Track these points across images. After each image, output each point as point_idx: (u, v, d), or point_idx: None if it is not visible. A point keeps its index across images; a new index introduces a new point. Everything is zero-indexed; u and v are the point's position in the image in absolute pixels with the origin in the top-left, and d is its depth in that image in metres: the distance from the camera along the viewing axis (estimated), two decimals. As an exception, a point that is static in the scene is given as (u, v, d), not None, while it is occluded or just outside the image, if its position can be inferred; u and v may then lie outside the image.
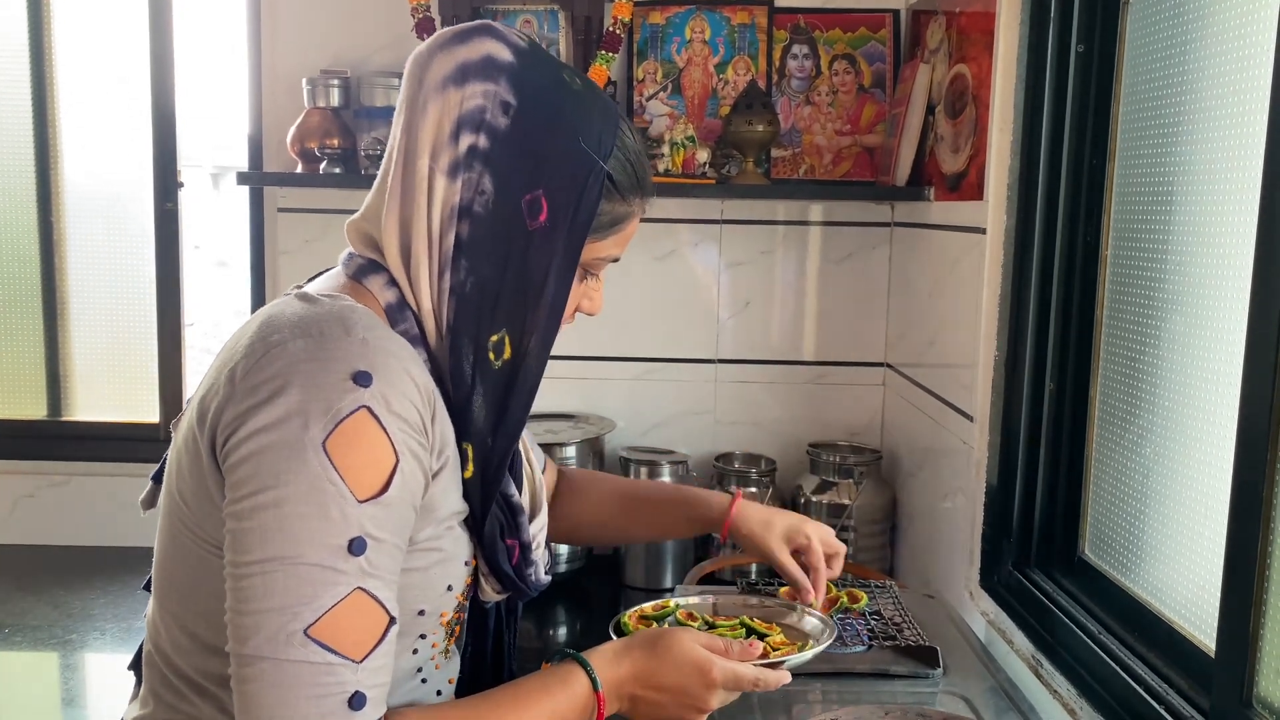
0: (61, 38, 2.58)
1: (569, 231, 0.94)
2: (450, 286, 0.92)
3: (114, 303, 2.66)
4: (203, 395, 0.89)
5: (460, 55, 0.92)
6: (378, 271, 0.94)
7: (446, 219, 0.91)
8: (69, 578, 2.39)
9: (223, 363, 0.89)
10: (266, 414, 0.82)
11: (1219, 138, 1.21)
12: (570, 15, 2.30)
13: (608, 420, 2.40)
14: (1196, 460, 1.24)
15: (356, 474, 0.81)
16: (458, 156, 0.91)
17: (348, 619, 0.81)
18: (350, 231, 0.99)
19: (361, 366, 0.83)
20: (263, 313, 0.92)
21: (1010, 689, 1.40)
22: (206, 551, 0.89)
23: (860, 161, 2.36)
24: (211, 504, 0.87)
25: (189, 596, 0.92)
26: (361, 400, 0.82)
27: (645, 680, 0.99)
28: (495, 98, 0.91)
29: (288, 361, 0.83)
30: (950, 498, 1.90)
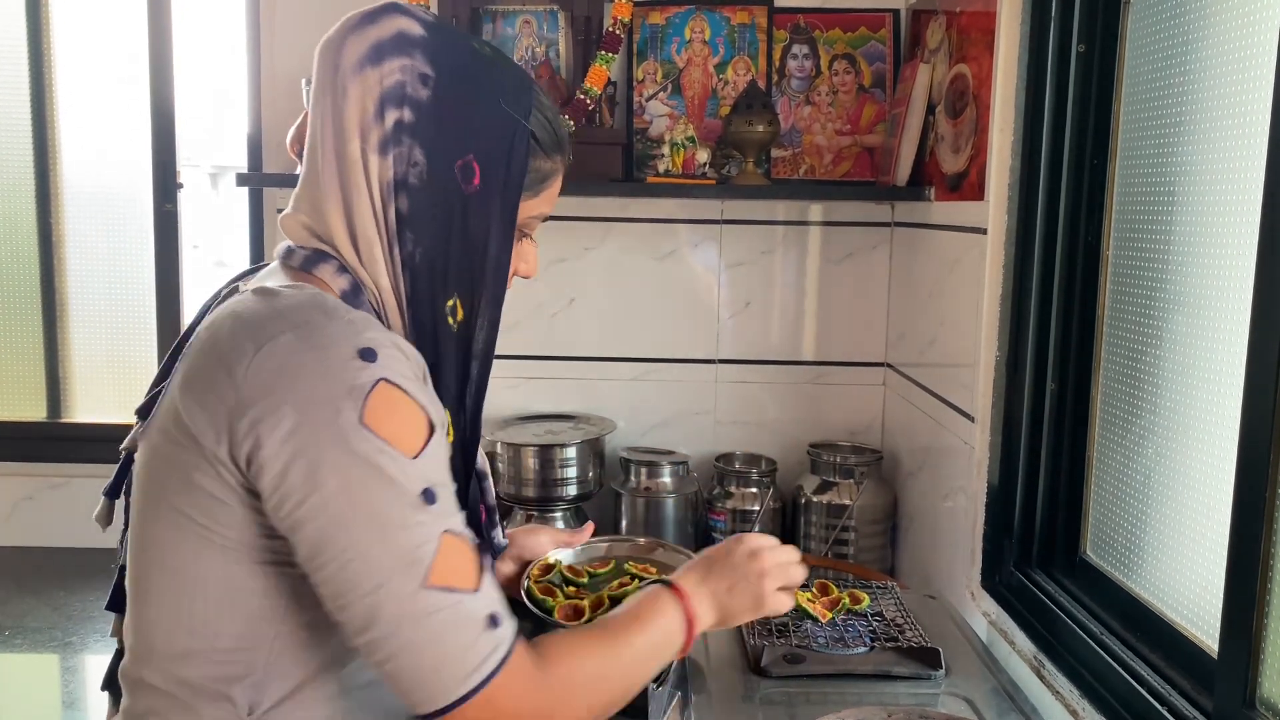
0: (61, 38, 2.58)
1: (503, 191, 0.97)
2: (401, 260, 0.94)
3: (113, 304, 2.66)
4: (181, 408, 0.87)
5: (372, 35, 0.93)
6: (326, 260, 0.94)
7: (385, 195, 0.93)
8: (69, 580, 2.39)
9: (195, 370, 0.88)
10: (289, 415, 0.82)
11: (1220, 137, 1.21)
12: (570, 15, 2.30)
13: (608, 420, 2.40)
14: (1198, 460, 1.24)
15: (400, 436, 0.84)
16: (386, 133, 0.92)
17: (449, 561, 0.85)
18: (288, 225, 0.98)
19: (361, 344, 0.85)
20: (224, 313, 0.90)
21: (1012, 690, 1.40)
22: (223, 555, 0.89)
23: (860, 161, 2.36)
24: (228, 508, 0.87)
25: (200, 603, 0.91)
26: (376, 374, 0.84)
27: (714, 586, 1.12)
28: (413, 71, 0.93)
29: (286, 356, 0.84)
30: (951, 498, 1.89)
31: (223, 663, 0.91)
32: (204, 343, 0.89)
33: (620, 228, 2.42)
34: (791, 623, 1.51)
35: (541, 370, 2.45)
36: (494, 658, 0.86)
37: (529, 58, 2.33)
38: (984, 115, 1.75)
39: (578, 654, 0.96)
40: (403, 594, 0.83)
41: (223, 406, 0.84)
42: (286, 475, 0.82)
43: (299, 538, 0.84)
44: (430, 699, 0.85)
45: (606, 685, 0.97)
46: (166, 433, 0.89)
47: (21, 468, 2.59)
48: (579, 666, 0.95)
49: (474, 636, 0.85)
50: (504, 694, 0.87)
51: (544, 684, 0.91)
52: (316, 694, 0.95)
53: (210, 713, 0.92)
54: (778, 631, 1.49)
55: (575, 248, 2.42)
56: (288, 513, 0.84)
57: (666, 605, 1.06)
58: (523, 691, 0.89)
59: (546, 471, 2.24)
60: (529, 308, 2.41)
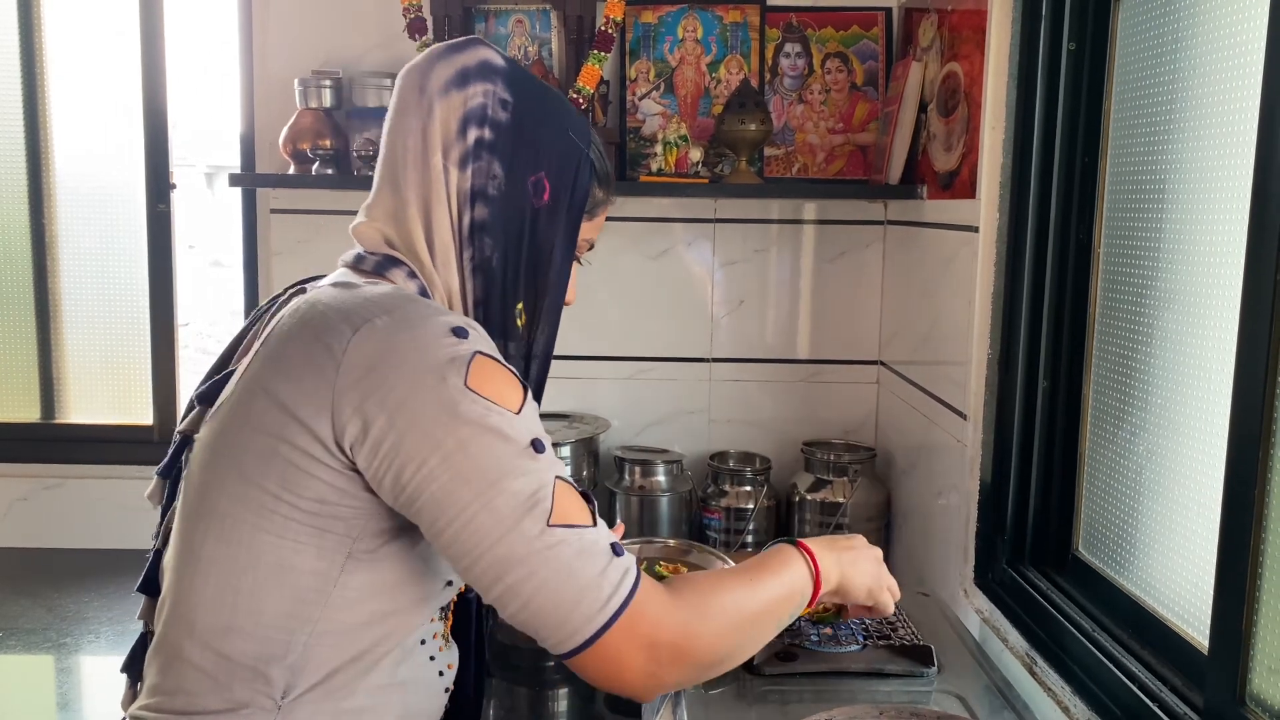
0: (53, 38, 2.57)
1: (568, 209, 1.07)
2: (476, 264, 1.02)
3: (107, 305, 2.66)
4: (269, 386, 0.91)
5: (459, 62, 1.03)
6: (397, 265, 1.01)
7: (462, 204, 1.01)
8: (63, 581, 2.38)
9: (286, 350, 0.92)
10: (397, 388, 0.87)
11: (1210, 135, 1.22)
12: (562, 14, 2.30)
13: (602, 420, 2.40)
14: (1189, 457, 1.24)
15: (503, 395, 0.90)
16: (467, 148, 1.01)
17: (565, 502, 0.90)
18: (362, 233, 1.05)
19: (453, 324, 0.91)
20: (306, 303, 0.95)
21: (1004, 687, 1.40)
22: (283, 530, 0.91)
23: (853, 160, 2.36)
24: (311, 479, 0.90)
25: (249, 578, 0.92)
26: (472, 347, 0.90)
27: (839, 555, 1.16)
28: (494, 96, 1.03)
29: (385, 337, 0.89)
30: (944, 495, 1.90)
31: (263, 640, 0.92)
32: (291, 327, 0.93)
33: (613, 227, 2.42)
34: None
35: (536, 369, 2.44)
36: (627, 580, 0.91)
37: (521, 57, 2.33)
38: (976, 113, 1.75)
39: (708, 589, 0.99)
40: (531, 534, 0.87)
41: (323, 382, 0.89)
42: (402, 445, 0.87)
43: (421, 504, 0.88)
44: (576, 631, 0.89)
45: (738, 618, 1.00)
46: (246, 408, 0.92)
47: (15, 469, 2.58)
48: (712, 599, 0.98)
49: (604, 564, 0.90)
50: (643, 615, 0.91)
51: (679, 605, 0.94)
52: (352, 684, 0.96)
53: (243, 693, 0.93)
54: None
55: (569, 247, 2.41)
56: (408, 480, 0.88)
57: (794, 558, 1.10)
58: (661, 611, 0.92)
59: (541, 471, 2.23)
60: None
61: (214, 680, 0.93)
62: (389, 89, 2.27)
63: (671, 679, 0.94)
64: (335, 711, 0.95)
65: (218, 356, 1.07)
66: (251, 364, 0.95)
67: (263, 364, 0.93)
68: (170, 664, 0.95)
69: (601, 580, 0.89)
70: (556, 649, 0.90)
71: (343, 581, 0.93)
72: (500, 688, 1.63)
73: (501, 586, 0.88)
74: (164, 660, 0.96)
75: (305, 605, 0.93)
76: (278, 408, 0.90)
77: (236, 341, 1.07)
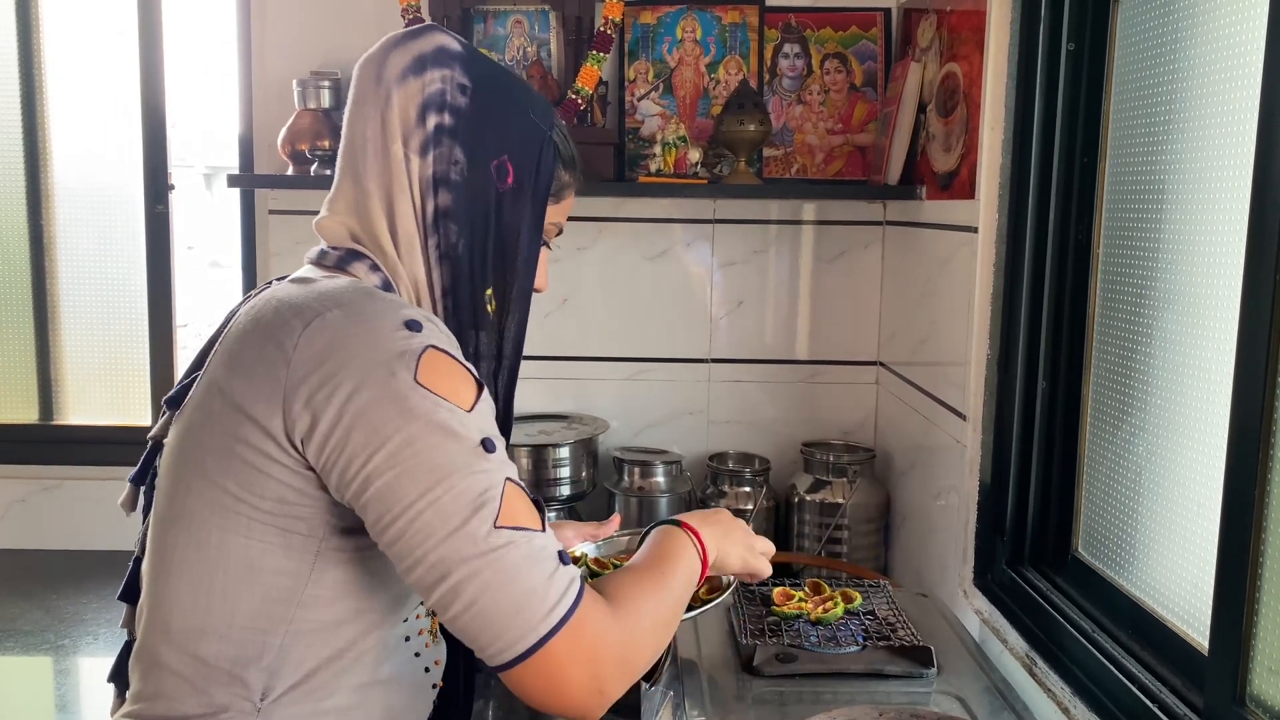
0: (51, 39, 2.57)
1: (533, 192, 1.06)
2: (441, 252, 1.00)
3: (105, 306, 2.65)
4: (225, 384, 0.90)
5: (415, 49, 1.02)
6: (360, 259, 1.00)
7: (425, 191, 1.00)
8: (61, 582, 2.38)
9: (240, 348, 0.91)
10: (346, 382, 0.86)
11: (1210, 135, 1.22)
12: (561, 15, 2.30)
13: (601, 421, 2.40)
14: (1189, 458, 1.24)
15: (454, 392, 0.88)
16: (427, 135, 0.99)
17: (514, 504, 0.88)
18: (326, 227, 1.03)
19: (405, 317, 0.90)
20: (264, 300, 0.95)
21: (1004, 688, 1.40)
22: (248, 529, 0.90)
23: (852, 160, 2.36)
24: (267, 478, 0.89)
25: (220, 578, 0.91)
26: (424, 341, 0.89)
27: (712, 530, 1.15)
28: (452, 81, 1.01)
29: (336, 330, 0.88)
30: (943, 496, 1.90)
31: (238, 642, 0.92)
32: (247, 325, 0.93)
33: (612, 227, 2.42)
34: (784, 622, 1.52)
35: (534, 370, 2.44)
36: (572, 590, 0.89)
37: (520, 57, 2.33)
38: (975, 114, 1.75)
39: (634, 592, 0.98)
40: (477, 534, 0.85)
41: (273, 379, 0.88)
42: (349, 439, 0.86)
43: (366, 499, 0.87)
44: (519, 639, 0.86)
45: (663, 619, 1.00)
46: (206, 409, 0.92)
47: (13, 470, 2.58)
48: (641, 602, 0.98)
49: (550, 570, 0.88)
50: (587, 625, 0.89)
51: (618, 614, 0.93)
52: (330, 684, 0.95)
53: (221, 696, 0.92)
54: (770, 631, 1.49)
55: (568, 248, 2.42)
56: (354, 475, 0.86)
57: (685, 542, 1.10)
58: (603, 622, 0.91)
59: (540, 472, 2.24)
60: (522, 308, 2.40)
61: (191, 684, 0.92)
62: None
63: (616, 692, 0.92)
64: (316, 711, 0.94)
65: (191, 361, 1.06)
66: (209, 365, 0.94)
67: (220, 364, 0.93)
68: (150, 670, 0.95)
69: (548, 586, 0.87)
70: (495, 659, 0.87)
71: (314, 579, 0.92)
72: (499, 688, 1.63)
73: (444, 587, 0.86)
74: (144, 666, 0.96)
75: (278, 605, 0.92)
76: (233, 407, 0.89)
77: (209, 344, 1.04)
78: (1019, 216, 1.60)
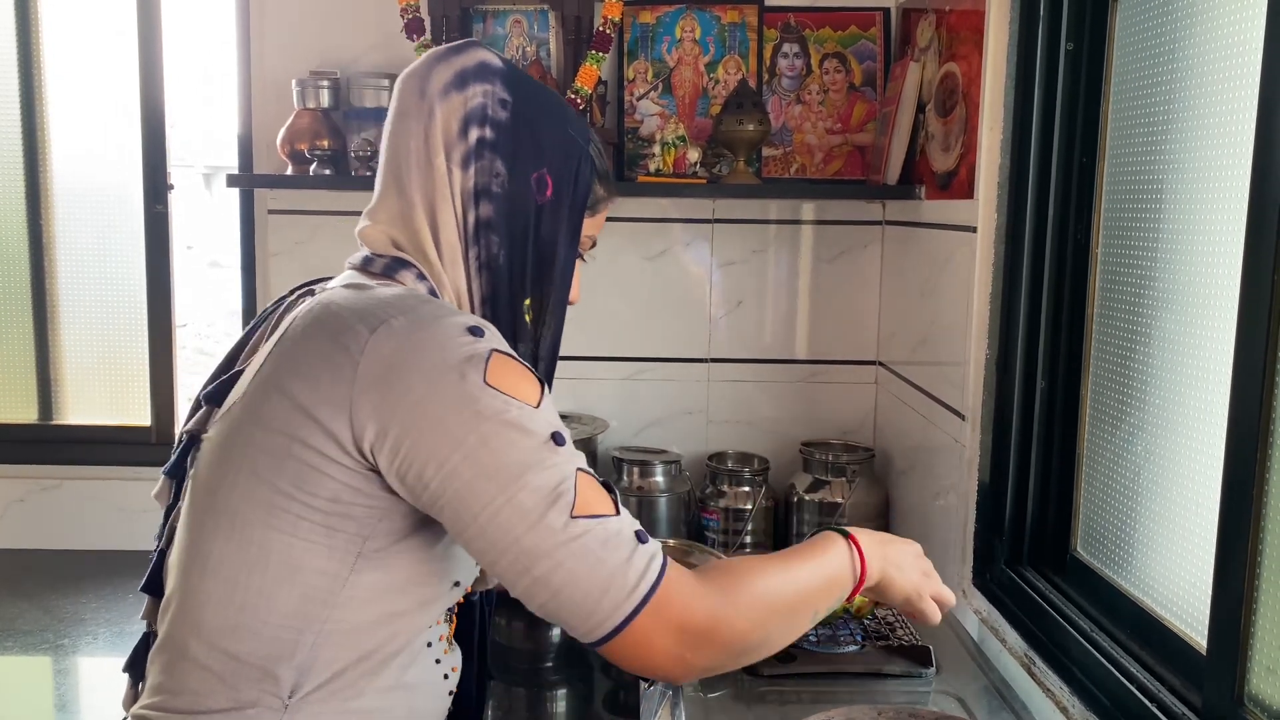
0: (50, 39, 2.57)
1: (571, 204, 1.08)
2: (482, 262, 1.03)
3: (104, 305, 2.65)
4: (284, 386, 0.91)
5: (457, 64, 1.05)
6: (407, 267, 1.03)
7: (466, 203, 1.03)
8: (60, 582, 2.38)
9: (301, 350, 0.92)
10: (416, 386, 0.88)
11: (1208, 135, 1.22)
12: (560, 15, 2.30)
13: (600, 420, 2.40)
14: (1187, 458, 1.24)
15: (521, 391, 0.91)
16: (469, 148, 1.02)
17: (588, 494, 0.91)
18: (369, 236, 1.06)
19: (469, 323, 0.93)
20: (319, 304, 0.96)
21: (1003, 688, 1.40)
22: (294, 528, 0.91)
23: (851, 160, 2.36)
24: (325, 478, 0.90)
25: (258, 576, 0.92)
26: (489, 345, 0.92)
27: (886, 551, 1.12)
28: (494, 96, 1.04)
29: (402, 337, 0.90)
30: (942, 496, 1.90)
31: (271, 639, 0.92)
32: (306, 327, 0.94)
33: (611, 227, 2.42)
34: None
35: (534, 370, 2.44)
36: (653, 567, 0.91)
37: (519, 57, 2.33)
38: (974, 114, 1.75)
39: (741, 574, 0.98)
40: (556, 526, 0.88)
41: (341, 383, 0.89)
42: (423, 443, 0.88)
43: (444, 501, 0.89)
44: (605, 620, 0.89)
45: (772, 605, 0.98)
46: (260, 409, 0.93)
47: (13, 470, 2.58)
48: (744, 581, 0.97)
49: (629, 552, 0.90)
50: (671, 601, 0.91)
51: (709, 590, 0.94)
52: (359, 685, 0.96)
53: (250, 693, 0.93)
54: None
55: (567, 247, 2.41)
56: (430, 477, 0.89)
57: (839, 546, 1.07)
58: (690, 597, 0.92)
59: (539, 471, 2.23)
60: (521, 307, 2.40)
61: (220, 680, 0.93)
62: (387, 89, 2.28)
63: (701, 663, 0.94)
64: (342, 711, 0.96)
65: (223, 358, 1.08)
66: (265, 364, 0.95)
67: (277, 364, 0.94)
68: (175, 663, 0.95)
69: (628, 567, 0.89)
70: (586, 637, 0.91)
71: (352, 581, 0.94)
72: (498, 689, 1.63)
73: (529, 579, 0.89)
74: (168, 659, 0.96)
75: (314, 605, 0.93)
76: (293, 407, 0.90)
77: (242, 342, 1.07)
78: (1018, 216, 1.60)
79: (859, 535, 1.09)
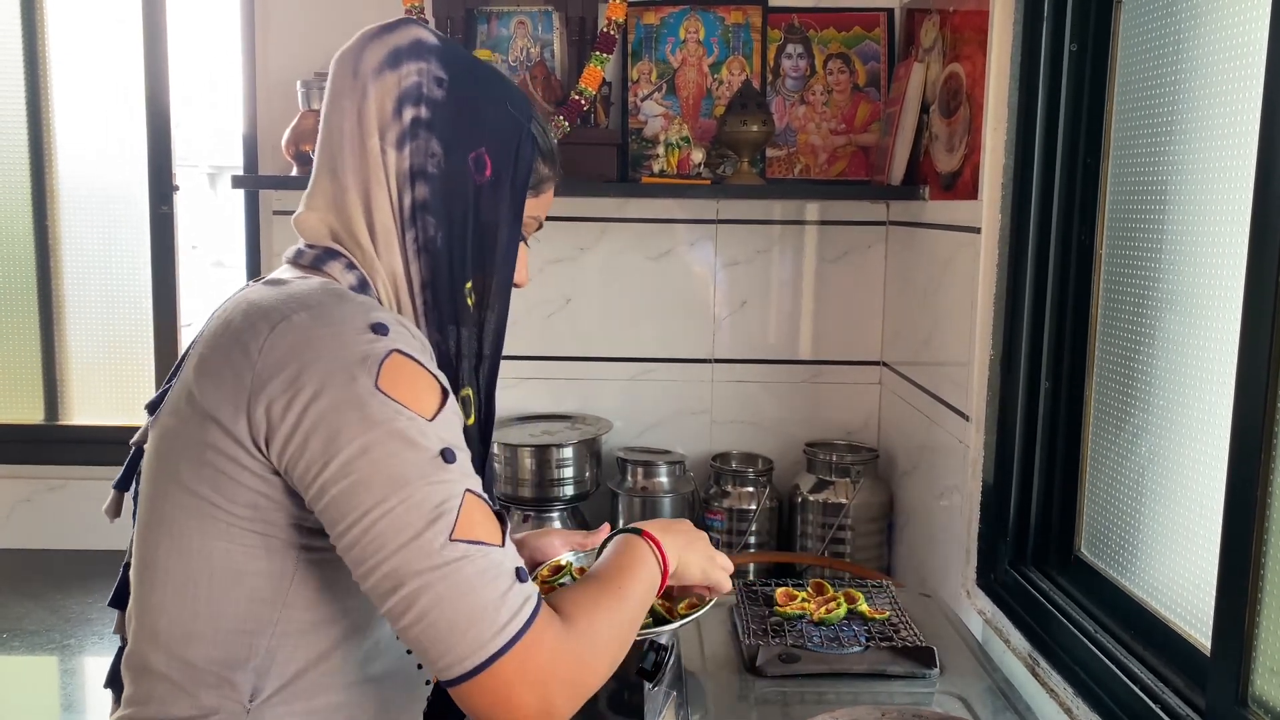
0: (56, 40, 2.58)
1: (511, 184, 1.04)
2: (420, 245, 0.99)
3: (110, 306, 2.66)
4: (195, 389, 0.90)
5: (390, 42, 1.01)
6: (335, 258, 0.99)
7: (402, 185, 0.98)
8: (66, 582, 2.39)
9: (209, 352, 0.91)
10: (307, 385, 0.85)
11: (1213, 135, 1.22)
12: (564, 16, 2.30)
13: (604, 421, 2.40)
14: (1192, 458, 1.24)
15: (415, 399, 0.87)
16: (403, 128, 0.98)
17: (472, 516, 0.86)
18: (304, 222, 1.02)
19: (372, 320, 0.89)
20: (236, 303, 0.94)
21: (1007, 688, 1.40)
22: (228, 533, 0.90)
23: (855, 161, 2.36)
24: (238, 484, 0.89)
25: (204, 583, 0.92)
26: (389, 345, 0.88)
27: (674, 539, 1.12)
28: (428, 74, 1.00)
29: (301, 333, 0.87)
30: (946, 496, 1.90)
31: (225, 645, 0.92)
32: (216, 329, 0.93)
33: (616, 228, 2.43)
34: (786, 622, 1.52)
35: (538, 370, 2.45)
36: (526, 609, 0.87)
37: (524, 58, 2.33)
38: (978, 114, 1.75)
39: (591, 608, 0.96)
40: (431, 547, 0.84)
41: (239, 383, 0.87)
42: (308, 444, 0.85)
43: (324, 504, 0.86)
44: (467, 656, 0.84)
45: (619, 634, 0.98)
46: (179, 414, 0.92)
47: (19, 470, 2.59)
48: (598, 619, 0.95)
49: (505, 588, 0.86)
50: (538, 647, 0.87)
51: (572, 636, 0.91)
52: (320, 682, 0.95)
53: (210, 699, 0.92)
54: (772, 631, 1.49)
55: (571, 248, 2.42)
56: (311, 480, 0.86)
57: (646, 553, 1.07)
58: (555, 643, 0.88)
59: (543, 472, 2.24)
60: (525, 308, 2.41)
61: (181, 689, 0.93)
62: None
63: (566, 713, 0.90)
64: (307, 710, 0.94)
65: (175, 365, 1.05)
66: (183, 370, 0.94)
67: (190, 369, 0.92)
68: (140, 674, 0.95)
69: (501, 604, 0.85)
70: (444, 673, 0.85)
71: (297, 580, 0.92)
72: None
73: (396, 598, 0.84)
74: (134, 671, 0.96)
75: (263, 607, 0.92)
76: (201, 413, 0.89)
77: (189, 349, 1.04)
78: (1022, 217, 1.60)
79: (651, 530, 1.09)
